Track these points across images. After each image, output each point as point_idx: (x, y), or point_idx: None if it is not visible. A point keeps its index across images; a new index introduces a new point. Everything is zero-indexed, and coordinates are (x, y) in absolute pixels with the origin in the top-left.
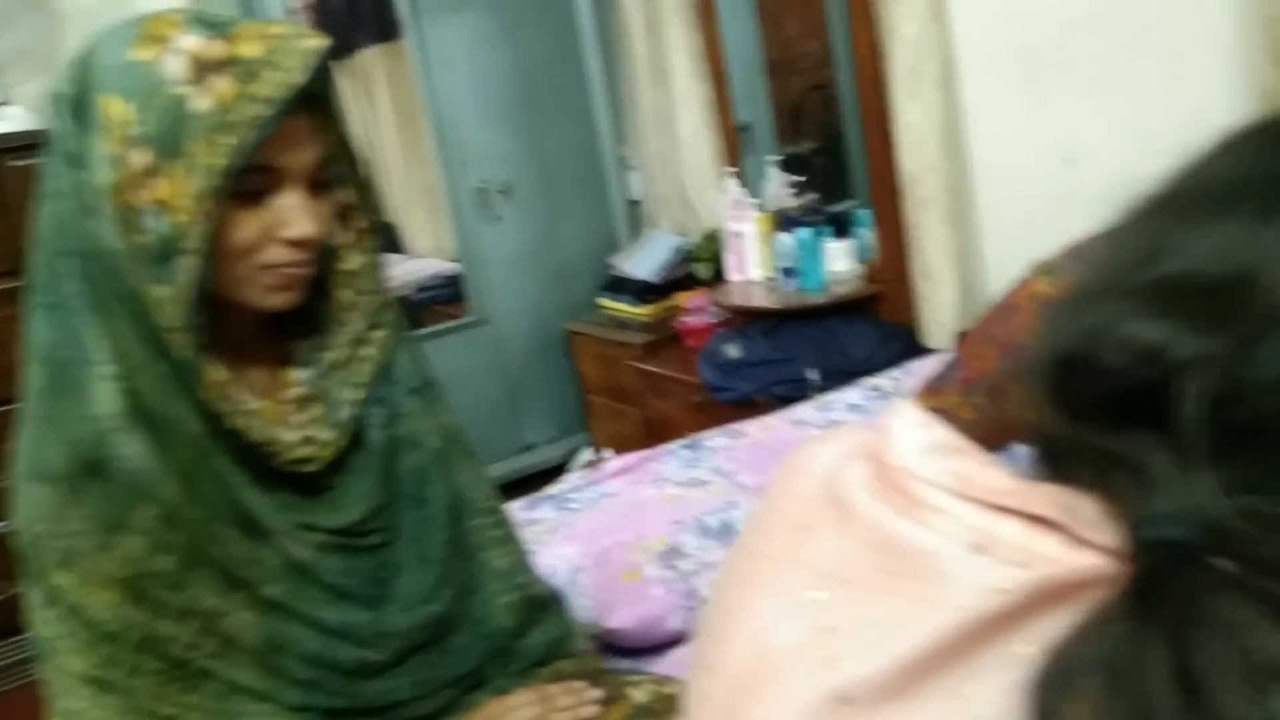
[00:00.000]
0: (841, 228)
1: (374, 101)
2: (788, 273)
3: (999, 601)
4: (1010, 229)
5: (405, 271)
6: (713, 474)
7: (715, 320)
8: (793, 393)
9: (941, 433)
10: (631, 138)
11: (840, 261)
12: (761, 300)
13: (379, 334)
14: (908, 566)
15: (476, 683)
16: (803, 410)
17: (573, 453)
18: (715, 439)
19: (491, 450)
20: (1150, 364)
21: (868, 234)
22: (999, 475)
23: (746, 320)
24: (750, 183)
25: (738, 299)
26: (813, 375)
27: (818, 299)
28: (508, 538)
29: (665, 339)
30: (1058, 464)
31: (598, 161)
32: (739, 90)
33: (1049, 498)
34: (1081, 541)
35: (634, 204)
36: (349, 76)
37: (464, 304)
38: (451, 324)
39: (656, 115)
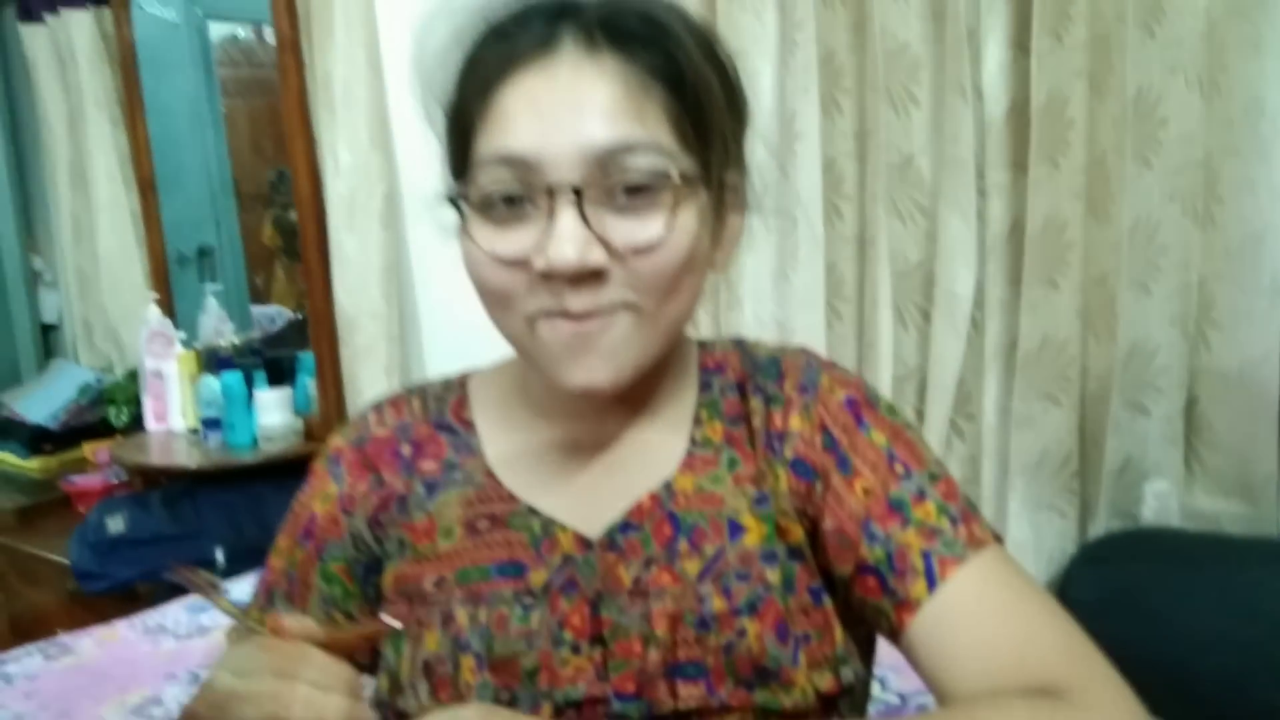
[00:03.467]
0: (282, 374)
1: None
2: (211, 424)
3: None
4: None
5: None
6: None
7: (118, 481)
8: None
9: None
10: (48, 249)
11: (274, 414)
12: (176, 457)
13: None
14: None
15: None
16: (173, 610)
17: None
18: (24, 659)
19: None
20: None
21: (313, 383)
22: None
23: (151, 483)
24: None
25: (154, 454)
26: (219, 555)
27: (245, 458)
28: None
29: (53, 503)
30: None
31: None
32: (200, 211)
33: None
34: None
35: (50, 329)
36: None
37: None
38: None
39: (77, 223)
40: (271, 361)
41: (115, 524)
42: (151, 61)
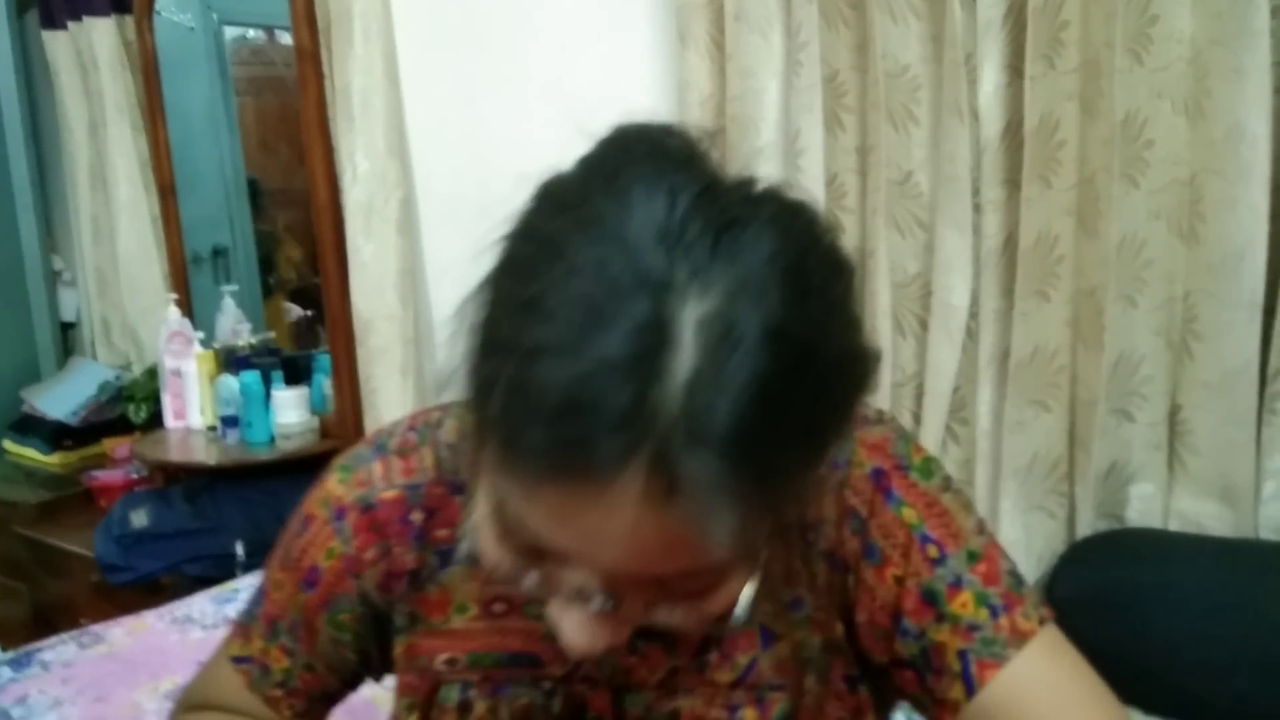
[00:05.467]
0: (299, 373)
1: None
2: (229, 422)
3: None
4: None
5: None
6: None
7: (138, 476)
8: (212, 571)
9: None
10: (67, 249)
11: (291, 412)
12: (196, 454)
13: None
14: None
15: None
16: (199, 602)
17: None
18: (59, 647)
19: None
20: None
21: (328, 383)
22: None
23: (171, 479)
24: (208, 314)
25: (174, 450)
26: (239, 549)
27: (262, 455)
28: None
29: (74, 497)
30: None
31: (19, 273)
32: (214, 212)
33: None
34: None
35: (68, 327)
36: None
37: None
38: None
39: (97, 225)
40: (288, 361)
41: (139, 518)
42: (169, 66)
